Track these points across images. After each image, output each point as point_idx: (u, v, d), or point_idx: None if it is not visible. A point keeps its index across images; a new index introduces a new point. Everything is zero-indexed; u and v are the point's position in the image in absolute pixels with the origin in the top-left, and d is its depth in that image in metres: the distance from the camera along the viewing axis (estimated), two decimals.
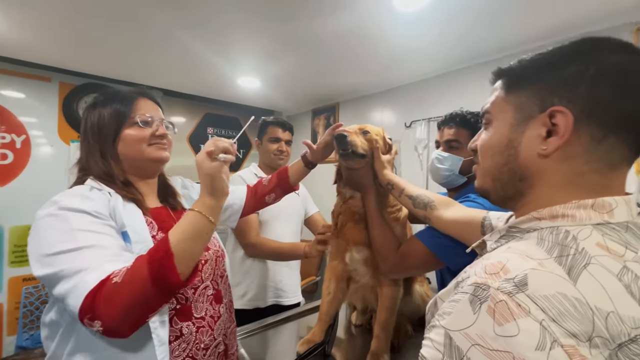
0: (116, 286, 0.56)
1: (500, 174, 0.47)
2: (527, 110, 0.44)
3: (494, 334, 0.31)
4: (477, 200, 0.86)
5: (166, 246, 0.59)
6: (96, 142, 0.77)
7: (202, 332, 0.75)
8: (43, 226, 0.62)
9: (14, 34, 1.68)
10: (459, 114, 1.00)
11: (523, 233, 0.42)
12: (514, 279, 0.33)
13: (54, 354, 0.67)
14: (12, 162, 2.13)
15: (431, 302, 0.46)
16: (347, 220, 1.02)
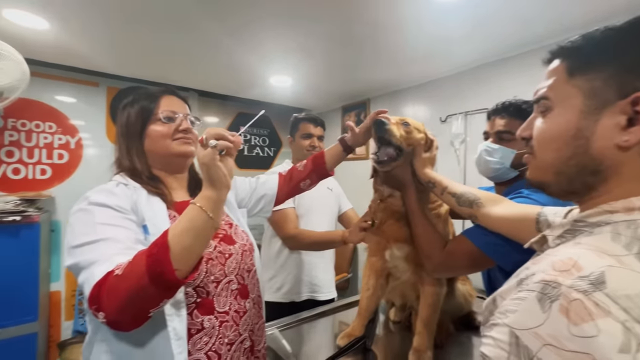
0: (117, 279, 0.55)
1: (567, 167, 0.43)
2: (602, 95, 0.39)
3: (569, 334, 0.30)
4: (532, 196, 0.81)
5: (164, 240, 0.57)
6: (124, 140, 0.82)
7: (225, 327, 0.75)
8: (74, 220, 0.67)
9: (66, 43, 1.81)
10: (512, 103, 0.93)
11: (592, 227, 0.39)
12: (588, 277, 0.31)
13: (90, 339, 0.71)
14: (67, 161, 2.31)
15: (489, 299, 0.44)
16: (387, 217, 1.01)
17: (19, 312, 1.76)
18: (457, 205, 0.84)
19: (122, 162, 0.81)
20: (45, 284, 2.08)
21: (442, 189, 0.88)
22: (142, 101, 0.82)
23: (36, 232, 1.83)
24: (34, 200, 1.97)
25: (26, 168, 2.17)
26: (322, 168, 1.08)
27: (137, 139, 0.81)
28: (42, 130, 2.22)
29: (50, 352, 2.19)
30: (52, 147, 2.26)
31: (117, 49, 1.92)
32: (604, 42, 0.40)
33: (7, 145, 2.11)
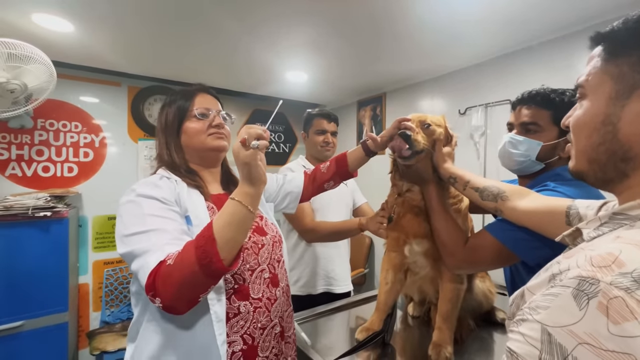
0: (169, 268, 0.61)
1: (597, 154, 0.42)
2: (629, 80, 0.38)
3: (607, 333, 0.28)
4: (558, 189, 0.78)
5: (210, 233, 0.63)
6: (164, 136, 0.88)
7: (259, 312, 0.79)
8: (123, 210, 0.72)
9: (89, 44, 1.88)
10: (539, 92, 0.88)
11: (634, 221, 0.37)
12: (631, 273, 0.29)
13: (137, 319, 0.77)
14: (92, 159, 2.40)
15: (517, 293, 0.43)
16: (405, 212, 1.00)
17: (51, 303, 1.86)
18: (480, 200, 0.82)
19: (162, 157, 0.87)
20: (74, 276, 2.19)
21: (464, 184, 0.86)
22: (179, 100, 0.88)
23: (65, 227, 1.91)
24: (63, 197, 2.06)
25: (55, 166, 2.27)
26: (345, 171, 1.11)
27: (175, 135, 0.87)
28: (68, 129, 2.32)
29: (80, 341, 2.30)
30: (78, 146, 2.35)
31: (137, 49, 1.97)
32: (634, 27, 0.39)
33: (37, 145, 2.21)
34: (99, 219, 2.42)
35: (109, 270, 2.41)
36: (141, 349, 0.73)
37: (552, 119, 0.86)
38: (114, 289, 2.41)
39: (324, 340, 1.12)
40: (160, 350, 0.71)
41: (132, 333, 0.77)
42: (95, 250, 2.41)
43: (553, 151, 0.88)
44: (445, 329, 0.95)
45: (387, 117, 2.78)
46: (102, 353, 1.90)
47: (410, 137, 0.88)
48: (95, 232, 2.40)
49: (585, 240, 0.42)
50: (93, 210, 2.39)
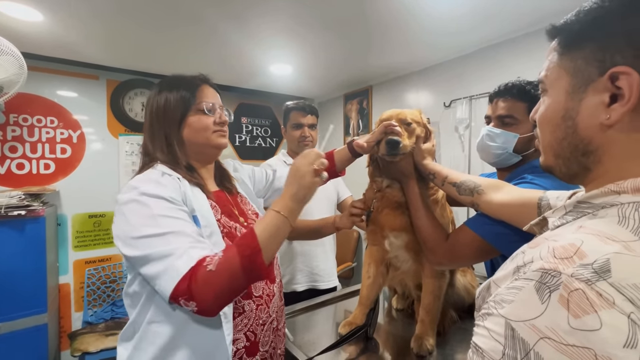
0: (211, 274, 0.61)
1: (561, 149, 0.42)
2: (584, 74, 0.38)
3: (568, 327, 0.27)
4: (535, 181, 0.78)
5: (255, 243, 0.65)
6: (161, 126, 0.80)
7: (260, 310, 0.81)
8: (127, 210, 0.67)
9: (61, 35, 1.79)
10: (515, 85, 0.89)
11: (597, 209, 0.37)
12: (592, 265, 0.29)
13: (135, 320, 0.73)
14: (70, 155, 2.32)
15: (483, 285, 0.42)
16: (384, 207, 0.99)
17: (28, 305, 1.79)
18: (458, 195, 0.83)
19: (157, 150, 0.79)
20: (53, 276, 2.12)
21: (442, 180, 0.87)
22: (182, 90, 0.80)
23: (42, 226, 1.84)
24: (39, 195, 1.98)
25: (30, 163, 2.18)
26: (332, 170, 1.09)
27: (176, 127, 0.80)
28: (44, 124, 2.23)
29: (62, 342, 2.24)
30: (55, 142, 2.27)
31: (113, 41, 1.89)
32: (587, 18, 0.38)
33: (10, 141, 2.12)
34: (79, 217, 2.34)
35: (91, 269, 2.35)
36: (142, 350, 0.71)
37: (527, 111, 0.87)
38: (96, 289, 2.36)
39: (307, 335, 1.11)
40: (165, 351, 0.70)
41: (127, 333, 0.75)
42: (75, 249, 2.34)
43: (529, 143, 0.89)
44: (428, 322, 0.95)
45: (373, 110, 2.77)
46: (83, 354, 1.86)
47: (400, 143, 0.87)
48: (75, 230, 2.33)
49: (551, 228, 0.42)
50: (72, 208, 2.32)
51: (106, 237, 2.45)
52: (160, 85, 0.82)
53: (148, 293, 0.71)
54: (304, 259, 1.55)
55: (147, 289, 0.71)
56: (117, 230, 0.68)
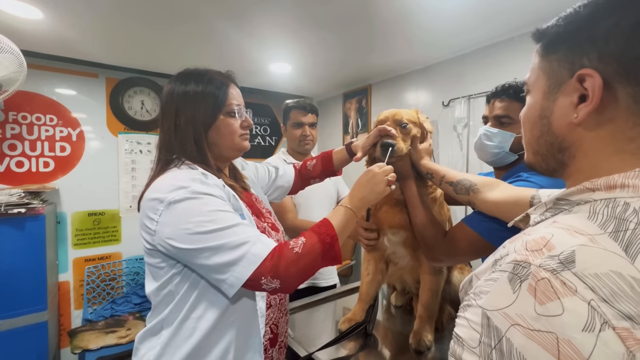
0: (297, 255, 0.68)
1: (539, 146, 0.44)
2: (558, 76, 0.40)
3: (535, 313, 0.29)
4: (531, 179, 0.80)
5: (333, 232, 0.73)
6: (190, 125, 0.76)
7: (281, 303, 0.88)
8: (183, 208, 0.67)
9: (61, 33, 1.79)
10: (512, 86, 0.91)
11: (572, 205, 0.39)
12: (558, 256, 0.31)
13: (166, 317, 0.73)
14: (70, 153, 2.32)
15: (466, 279, 0.44)
16: (383, 204, 1.01)
17: (28, 302, 1.80)
18: (454, 194, 0.85)
19: (183, 150, 0.77)
20: (53, 274, 2.13)
21: (440, 179, 0.89)
22: (213, 88, 0.78)
23: (41, 224, 1.85)
24: (39, 193, 1.98)
25: (29, 161, 2.18)
26: (330, 170, 1.12)
27: (207, 128, 0.77)
28: (43, 122, 2.22)
29: (62, 339, 2.25)
30: (54, 140, 2.26)
31: (112, 39, 1.89)
32: (564, 23, 0.41)
33: (9, 139, 2.12)
34: (79, 215, 2.34)
35: (90, 267, 2.36)
36: (175, 346, 0.72)
37: None
38: (96, 286, 2.36)
39: (307, 331, 1.13)
40: (201, 347, 0.72)
41: (154, 330, 0.75)
42: (75, 247, 2.34)
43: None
44: (426, 318, 0.96)
45: (372, 109, 2.78)
46: (84, 351, 1.86)
47: (395, 146, 0.88)
48: (74, 228, 2.33)
49: (531, 225, 0.44)
50: (72, 206, 2.32)
51: (105, 235, 2.45)
52: (186, 78, 0.79)
53: (185, 291, 0.72)
54: None
55: (184, 287, 0.72)
56: (174, 228, 0.67)
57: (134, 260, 2.52)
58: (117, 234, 2.49)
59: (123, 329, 2.05)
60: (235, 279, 0.65)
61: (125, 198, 2.51)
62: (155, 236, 0.69)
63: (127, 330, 2.03)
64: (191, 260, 0.68)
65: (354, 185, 0.83)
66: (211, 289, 0.73)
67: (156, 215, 0.68)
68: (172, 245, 0.67)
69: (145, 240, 0.73)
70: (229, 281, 0.66)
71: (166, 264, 0.72)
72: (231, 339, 0.74)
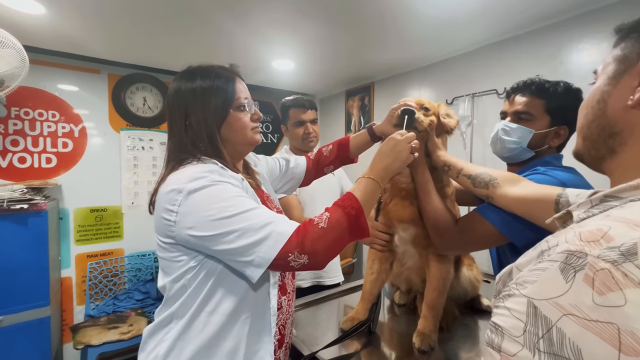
0: (323, 230, 0.67)
1: (590, 130, 0.44)
2: (626, 60, 0.40)
3: (592, 303, 0.28)
4: (549, 172, 0.80)
5: (358, 205, 0.71)
6: (202, 124, 0.75)
7: (289, 305, 0.86)
8: (203, 195, 0.66)
9: (63, 29, 1.78)
10: (534, 82, 0.90)
11: (624, 202, 0.37)
12: (619, 247, 0.29)
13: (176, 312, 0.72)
14: (72, 150, 2.32)
15: (504, 271, 0.42)
16: (393, 196, 1.00)
17: (31, 298, 1.80)
18: (473, 187, 0.84)
19: (197, 147, 0.76)
20: (55, 270, 2.13)
21: (457, 171, 0.87)
22: (221, 83, 0.77)
23: (44, 220, 1.85)
24: (41, 189, 1.98)
25: (32, 157, 2.18)
26: (346, 156, 1.09)
27: (219, 125, 0.76)
28: (45, 118, 2.22)
29: (64, 335, 2.26)
30: (57, 136, 2.26)
31: (115, 35, 1.88)
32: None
33: (12, 134, 2.12)
34: (81, 211, 2.35)
35: (93, 263, 2.36)
36: (188, 338, 0.71)
37: (544, 108, 0.88)
38: (98, 282, 2.37)
39: (311, 330, 1.12)
40: (213, 339, 0.71)
41: (165, 321, 0.74)
42: (77, 243, 2.34)
43: (543, 139, 0.90)
44: (431, 317, 0.96)
45: (375, 107, 2.76)
46: (86, 347, 1.87)
47: (415, 114, 0.87)
48: (77, 224, 2.34)
49: (575, 221, 0.42)
50: (74, 202, 2.32)
51: (108, 231, 2.45)
52: (192, 75, 0.77)
53: (198, 285, 0.71)
54: None
55: (197, 280, 0.71)
56: (194, 216, 0.66)
57: (135, 256, 2.52)
58: (120, 230, 2.49)
59: (125, 325, 2.05)
60: (261, 259, 0.64)
61: (128, 194, 2.51)
62: (175, 227, 0.67)
63: (129, 326, 2.04)
64: (213, 247, 0.66)
65: (376, 155, 0.80)
66: (224, 283, 0.72)
67: (175, 206, 0.67)
68: (193, 234, 0.66)
69: (162, 235, 0.71)
70: (255, 262, 0.64)
71: (183, 258, 0.71)
72: (242, 336, 0.73)
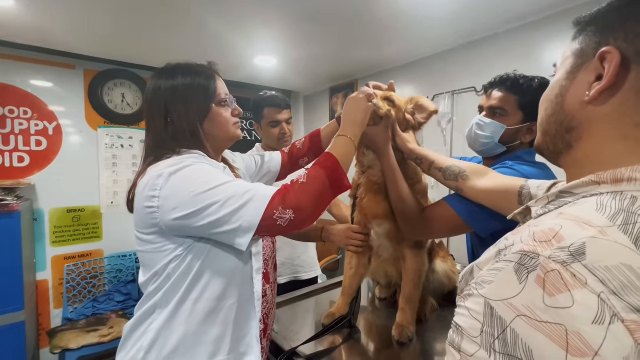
0: (303, 185, 0.69)
1: (548, 125, 0.44)
2: (584, 55, 0.40)
3: (543, 305, 0.29)
4: (515, 167, 0.82)
5: (333, 158, 0.74)
6: (183, 120, 0.75)
7: (272, 295, 0.90)
8: (184, 175, 0.67)
9: (34, 22, 1.72)
10: (510, 77, 0.92)
11: (577, 198, 0.38)
12: (569, 248, 0.30)
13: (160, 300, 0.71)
14: (46, 148, 2.24)
15: (466, 270, 0.43)
16: (367, 191, 1.01)
17: (4, 302, 1.74)
18: (443, 180, 0.85)
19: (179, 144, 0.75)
20: (30, 273, 2.06)
21: (429, 164, 0.88)
22: (202, 80, 0.77)
23: (17, 221, 1.78)
24: (13, 189, 1.91)
25: (2, 156, 2.09)
26: (318, 147, 1.09)
27: (202, 119, 0.77)
28: (16, 115, 2.13)
29: (41, 339, 2.19)
30: (29, 134, 2.18)
31: (90, 28, 1.82)
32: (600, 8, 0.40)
33: None
34: (57, 211, 2.27)
35: (70, 265, 2.29)
36: (172, 328, 0.71)
37: (518, 104, 0.90)
38: (77, 285, 2.30)
39: (291, 326, 1.13)
40: (199, 327, 0.72)
41: (147, 313, 0.73)
42: (54, 245, 2.27)
43: (516, 135, 0.92)
44: (408, 310, 0.98)
45: None
46: (64, 351, 1.82)
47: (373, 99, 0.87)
48: (53, 225, 2.26)
49: (533, 217, 0.43)
50: (50, 202, 2.24)
51: (86, 232, 2.38)
52: (171, 72, 0.78)
53: (182, 273, 0.70)
54: (285, 253, 1.56)
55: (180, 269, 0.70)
56: (174, 198, 0.66)
57: (116, 257, 2.46)
58: (98, 231, 2.43)
59: (105, 328, 2.00)
60: (248, 222, 0.64)
61: (107, 194, 2.45)
62: (158, 213, 0.67)
63: (109, 329, 1.99)
64: (199, 223, 0.65)
65: (342, 119, 0.84)
66: (210, 268, 0.72)
67: (157, 191, 0.67)
68: (177, 216, 0.66)
69: (145, 227, 0.71)
70: (243, 227, 0.64)
71: (169, 246, 0.70)
72: (229, 322, 0.74)
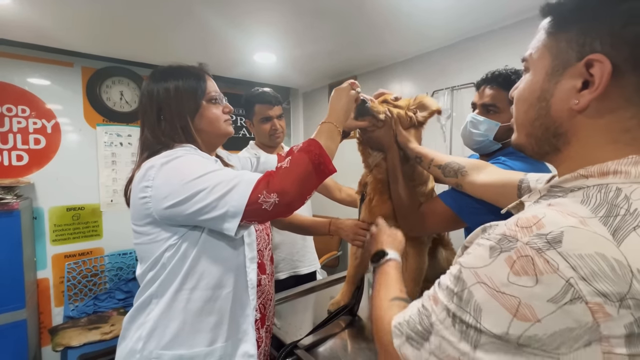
0: (287, 169, 0.69)
1: (533, 128, 0.43)
2: (565, 57, 0.39)
3: (506, 280, 0.32)
4: (507, 162, 0.83)
5: (317, 143, 0.74)
6: (175, 116, 0.79)
7: (269, 286, 0.94)
8: (175, 164, 0.71)
9: (31, 19, 1.70)
10: (501, 74, 0.92)
11: (566, 192, 0.39)
12: (546, 235, 0.31)
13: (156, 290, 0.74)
14: (45, 146, 2.23)
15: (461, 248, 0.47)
16: (374, 191, 1.02)
17: (5, 301, 1.74)
18: (443, 177, 0.86)
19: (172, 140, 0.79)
20: (31, 271, 2.06)
21: (429, 162, 0.89)
22: (192, 79, 0.81)
23: (16, 220, 1.78)
24: (12, 188, 1.90)
25: (1, 154, 2.08)
26: None
27: (192, 117, 0.81)
28: (14, 114, 2.12)
29: (42, 338, 2.19)
30: (28, 132, 2.16)
31: (88, 26, 1.81)
32: (578, 1, 0.39)
33: None
34: (57, 210, 2.27)
35: (71, 263, 2.29)
36: (170, 317, 0.73)
37: (509, 101, 0.90)
38: (77, 283, 2.30)
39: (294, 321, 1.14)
40: (196, 316, 0.74)
41: (145, 303, 0.75)
42: (54, 244, 2.27)
43: (510, 131, 0.92)
44: None
45: None
46: (66, 349, 1.82)
47: (367, 103, 0.90)
48: (53, 224, 2.25)
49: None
50: (49, 201, 2.24)
51: (86, 230, 2.38)
52: (163, 75, 0.81)
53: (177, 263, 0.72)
54: (284, 248, 1.57)
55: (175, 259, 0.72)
56: (166, 186, 0.69)
57: (116, 255, 2.46)
58: (98, 229, 2.43)
59: (107, 325, 2.01)
60: (234, 207, 0.66)
61: (106, 192, 2.44)
62: (151, 202, 0.70)
63: (111, 326, 2.00)
64: (189, 210, 0.68)
65: (328, 107, 0.87)
66: (205, 256, 0.74)
67: (150, 181, 0.70)
68: (169, 204, 0.68)
69: (140, 218, 0.73)
70: (230, 212, 0.66)
71: (163, 235, 0.72)
72: (225, 310, 0.76)
